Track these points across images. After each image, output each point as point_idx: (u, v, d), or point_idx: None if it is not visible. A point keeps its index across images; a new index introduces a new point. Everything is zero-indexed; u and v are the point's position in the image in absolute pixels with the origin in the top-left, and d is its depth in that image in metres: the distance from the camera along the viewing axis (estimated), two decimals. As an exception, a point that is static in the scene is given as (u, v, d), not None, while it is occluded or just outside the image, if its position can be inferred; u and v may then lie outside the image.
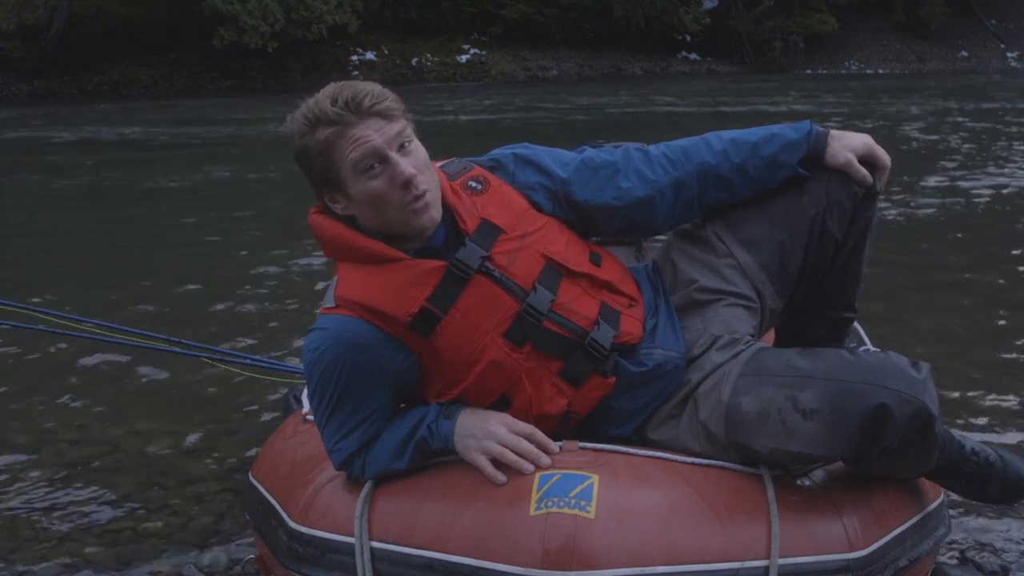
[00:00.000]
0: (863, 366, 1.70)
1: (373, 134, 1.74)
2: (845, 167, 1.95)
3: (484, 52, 29.79)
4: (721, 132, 2.03)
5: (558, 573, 1.56)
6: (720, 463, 1.79)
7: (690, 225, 2.09)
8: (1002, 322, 4.60)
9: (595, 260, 1.95)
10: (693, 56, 32.62)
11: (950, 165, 10.24)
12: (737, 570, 1.63)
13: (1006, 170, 9.70)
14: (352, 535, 1.73)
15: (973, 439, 2.03)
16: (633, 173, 1.97)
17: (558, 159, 1.99)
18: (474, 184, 1.89)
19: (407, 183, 1.75)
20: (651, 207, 1.98)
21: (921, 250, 6.38)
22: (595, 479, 1.66)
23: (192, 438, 3.37)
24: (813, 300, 2.07)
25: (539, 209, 1.93)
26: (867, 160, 1.97)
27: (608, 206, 1.96)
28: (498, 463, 1.71)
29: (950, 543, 2.46)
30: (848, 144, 1.96)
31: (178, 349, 3.42)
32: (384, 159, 1.75)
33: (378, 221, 1.80)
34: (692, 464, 1.78)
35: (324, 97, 1.76)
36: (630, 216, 1.98)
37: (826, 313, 2.11)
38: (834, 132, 1.99)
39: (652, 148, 2.02)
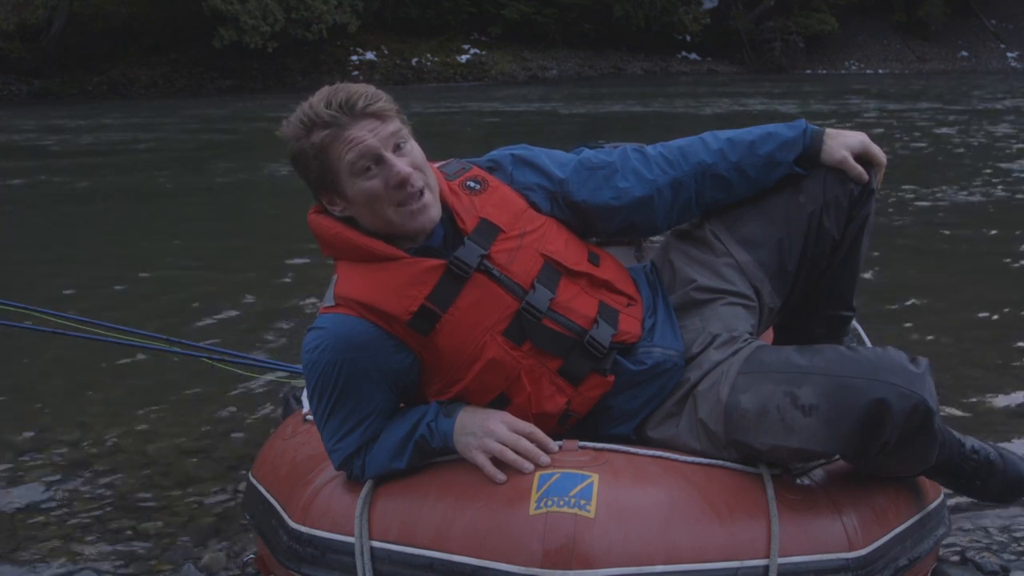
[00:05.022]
0: (861, 361, 1.70)
1: (367, 135, 1.75)
2: (841, 164, 1.96)
3: (484, 52, 29.80)
4: (718, 132, 2.04)
5: (558, 572, 1.56)
6: (720, 462, 1.79)
7: (688, 225, 2.09)
8: (1002, 322, 4.60)
9: (593, 260, 1.95)
10: (693, 56, 32.62)
11: (950, 165, 10.24)
12: (736, 569, 1.63)
13: (1006, 170, 9.69)
14: (352, 535, 1.73)
15: (973, 438, 2.03)
16: (631, 173, 1.97)
17: (556, 160, 2.00)
18: (472, 184, 1.90)
19: (402, 183, 1.76)
20: (649, 207, 1.98)
21: (921, 250, 6.38)
22: (595, 478, 1.66)
23: (192, 438, 3.37)
24: (811, 299, 2.07)
25: (537, 209, 1.94)
26: (863, 158, 1.98)
27: (606, 206, 1.96)
28: (498, 461, 1.72)
29: (950, 543, 2.46)
30: (843, 142, 1.97)
31: (178, 349, 3.42)
32: (380, 159, 1.76)
33: (377, 222, 1.81)
34: (692, 463, 1.78)
35: (318, 100, 1.77)
36: (628, 216, 1.99)
37: (824, 312, 2.11)
38: (829, 131, 2.00)
39: (649, 148, 2.03)
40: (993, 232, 6.82)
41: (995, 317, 4.67)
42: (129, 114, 18.91)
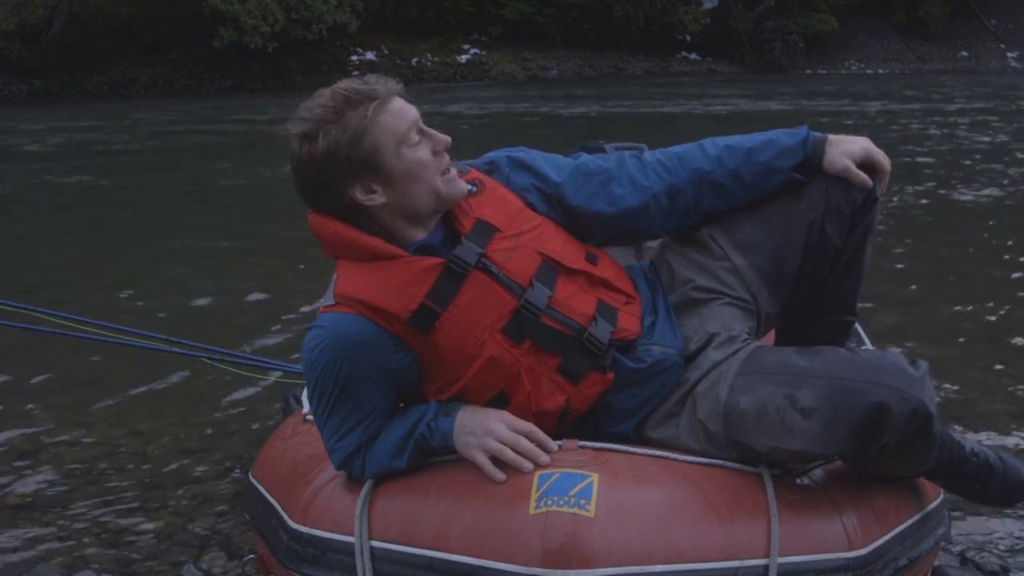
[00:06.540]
0: (861, 364, 1.70)
1: (409, 107, 1.81)
2: (843, 173, 1.93)
3: (484, 52, 29.80)
4: (717, 138, 2.02)
5: (558, 572, 1.56)
6: (720, 462, 1.79)
7: (686, 227, 2.09)
8: (1002, 322, 4.60)
9: (591, 259, 1.95)
10: (693, 56, 32.62)
11: (950, 164, 10.24)
12: (736, 569, 1.63)
13: (1007, 170, 9.69)
14: (352, 535, 1.73)
15: (973, 440, 2.03)
16: (627, 180, 1.97)
17: (553, 163, 2.00)
18: (470, 186, 1.90)
19: (447, 147, 1.81)
20: (646, 214, 1.97)
21: (921, 250, 6.38)
22: (595, 478, 1.66)
23: (192, 438, 3.37)
24: (813, 305, 2.06)
25: (534, 210, 1.94)
26: (866, 164, 1.95)
27: (601, 213, 1.96)
28: (497, 461, 1.72)
29: (950, 543, 2.46)
30: (846, 149, 1.94)
31: (178, 349, 3.42)
32: (422, 130, 1.81)
33: (421, 195, 1.79)
34: (691, 463, 1.78)
35: (347, 83, 1.80)
36: (624, 223, 1.98)
37: (827, 318, 2.09)
38: (832, 137, 1.96)
39: (648, 155, 2.02)
40: (993, 232, 6.82)
41: (994, 317, 4.67)
42: (129, 114, 18.90)
